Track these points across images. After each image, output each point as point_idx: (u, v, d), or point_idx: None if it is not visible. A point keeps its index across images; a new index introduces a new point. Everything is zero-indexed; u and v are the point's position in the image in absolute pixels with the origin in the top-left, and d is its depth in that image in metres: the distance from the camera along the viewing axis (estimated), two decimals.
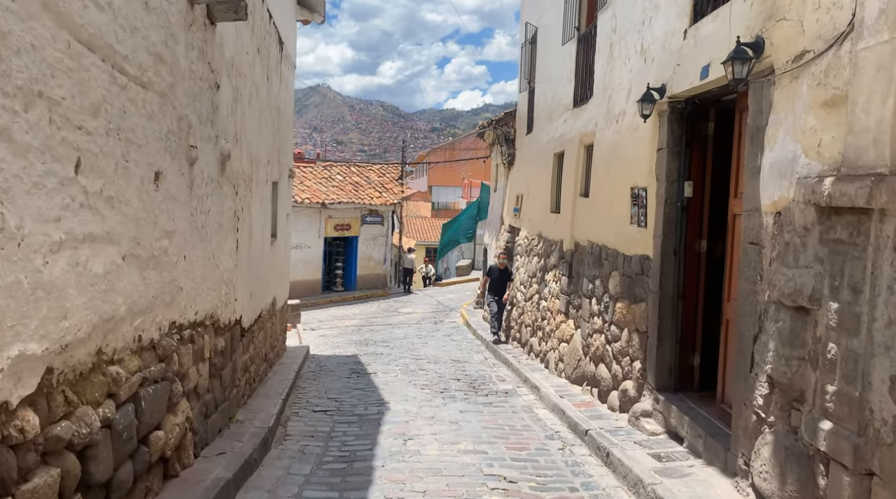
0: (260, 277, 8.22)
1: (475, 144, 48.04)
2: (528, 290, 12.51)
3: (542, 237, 11.94)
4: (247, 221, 7.03)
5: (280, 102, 9.71)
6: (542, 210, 12.29)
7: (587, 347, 8.48)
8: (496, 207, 18.79)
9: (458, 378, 10.15)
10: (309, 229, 22.68)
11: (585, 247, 9.07)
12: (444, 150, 51.73)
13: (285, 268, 11.35)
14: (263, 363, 8.90)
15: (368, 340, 15.23)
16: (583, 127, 9.60)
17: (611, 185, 7.91)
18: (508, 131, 17.27)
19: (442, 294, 25.27)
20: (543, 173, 12.44)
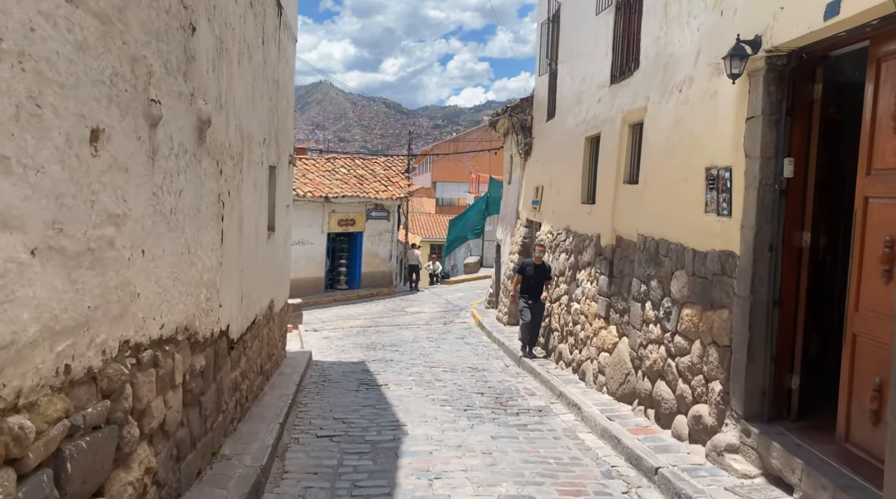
0: (254, 276, 6.87)
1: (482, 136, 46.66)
2: (554, 289, 11.14)
3: (571, 231, 10.58)
4: (236, 209, 5.66)
5: (279, 76, 8.34)
6: (570, 202, 10.93)
7: (639, 360, 7.12)
8: (510, 201, 17.43)
9: (480, 392, 8.78)
10: (311, 225, 21.31)
11: (633, 242, 7.71)
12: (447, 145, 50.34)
13: (285, 266, 10.00)
14: (259, 377, 7.54)
15: (376, 343, 13.87)
16: (627, 104, 8.23)
17: (673, 167, 6.54)
18: (525, 119, 15.90)
19: (450, 293, 23.92)
20: (571, 161, 11.08)
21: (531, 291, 10.83)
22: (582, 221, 10.04)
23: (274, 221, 8.32)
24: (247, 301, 6.44)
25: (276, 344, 9.09)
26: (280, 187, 8.78)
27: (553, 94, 13.36)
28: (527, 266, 11.11)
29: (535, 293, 10.81)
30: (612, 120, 8.81)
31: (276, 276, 8.75)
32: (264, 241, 7.51)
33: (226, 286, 5.34)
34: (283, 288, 9.77)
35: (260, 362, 7.59)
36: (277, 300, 9.12)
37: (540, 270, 10.95)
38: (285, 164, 9.26)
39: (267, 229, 7.72)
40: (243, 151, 5.96)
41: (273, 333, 8.76)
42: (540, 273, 10.93)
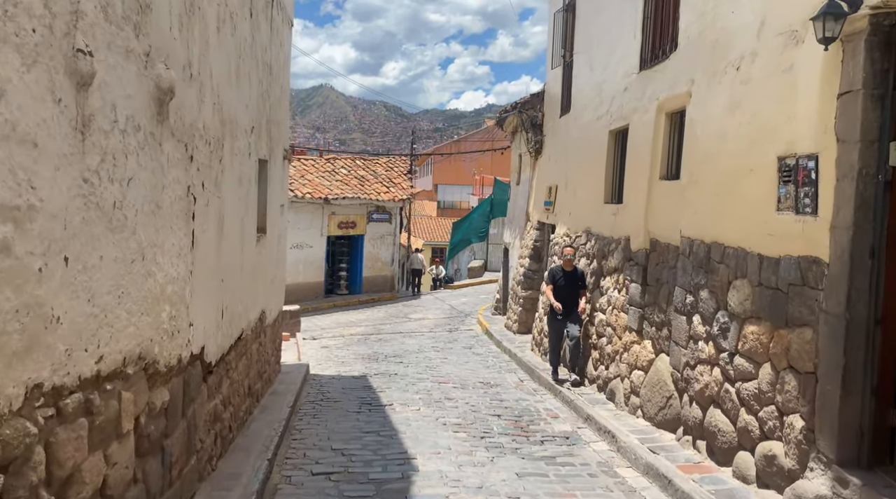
0: (239, 285, 5.86)
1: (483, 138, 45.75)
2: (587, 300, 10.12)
3: (593, 234, 9.57)
4: (213, 206, 4.65)
5: (271, 60, 7.34)
6: (590, 201, 9.92)
7: (684, 382, 6.10)
8: (519, 202, 16.43)
9: (497, 413, 7.76)
10: (310, 227, 20.29)
11: (673, 245, 6.70)
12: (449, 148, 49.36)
13: (279, 271, 8.98)
14: (246, 400, 6.52)
15: (378, 353, 12.84)
16: (663, 90, 7.23)
17: (730, 157, 5.52)
18: (535, 116, 14.90)
19: (454, 298, 22.90)
20: (590, 158, 10.08)
21: (563, 300, 9.02)
22: (605, 223, 9.04)
23: (265, 221, 7.30)
24: (230, 315, 5.42)
25: (268, 360, 8.07)
26: (273, 184, 7.77)
27: (568, 88, 12.38)
28: (556, 272, 9.25)
29: (567, 305, 8.96)
30: (643, 110, 7.81)
31: (267, 283, 7.73)
32: (253, 244, 6.50)
33: (199, 300, 4.32)
34: (276, 296, 8.75)
35: (248, 383, 6.57)
36: (270, 310, 8.11)
37: (571, 278, 9.11)
38: (279, 158, 8.25)
39: (256, 231, 6.71)
40: (224, 138, 4.95)
41: (265, 347, 7.74)
42: (571, 281, 9.09)
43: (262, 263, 7.15)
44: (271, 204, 7.72)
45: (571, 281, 9.14)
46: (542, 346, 11.14)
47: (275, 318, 8.64)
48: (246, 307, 6.24)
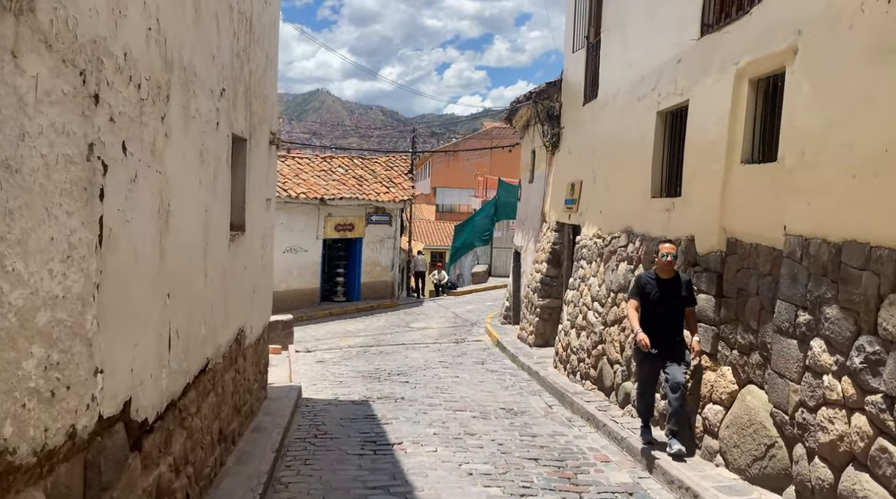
0: (202, 300, 4.25)
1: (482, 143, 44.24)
2: (606, 309, 8.55)
3: (636, 235, 7.99)
4: (149, 185, 3.04)
5: (252, 13, 5.74)
6: (630, 197, 8.35)
7: (797, 428, 4.50)
8: (532, 202, 14.86)
9: (533, 456, 6.15)
10: (305, 230, 18.66)
11: (766, 246, 5.12)
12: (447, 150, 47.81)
13: (264, 279, 7.36)
14: (216, 448, 4.90)
15: (380, 370, 11.23)
16: (745, 52, 5.65)
17: (878, 125, 3.95)
18: (552, 106, 13.35)
19: (458, 305, 21.28)
20: (629, 146, 8.52)
21: (656, 328, 5.97)
22: (654, 221, 7.46)
23: (244, 217, 5.70)
24: (184, 343, 3.81)
25: (249, 388, 6.45)
26: (255, 172, 6.17)
27: (593, 72, 10.83)
28: (646, 283, 6.18)
29: (663, 332, 5.95)
30: (711, 80, 6.24)
31: (247, 294, 6.12)
32: (224, 244, 4.89)
33: (119, 328, 2.72)
34: (260, 309, 7.13)
35: (218, 426, 4.95)
36: (251, 327, 6.49)
37: (670, 291, 6.02)
38: (263, 141, 6.64)
39: (230, 229, 5.10)
40: (171, 87, 3.34)
41: (245, 374, 6.12)
42: (670, 295, 6.01)
43: (239, 270, 5.54)
44: (253, 196, 6.12)
45: (670, 295, 5.99)
46: (570, 364, 9.56)
47: (258, 335, 7.03)
48: (213, 328, 4.63)
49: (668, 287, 6.06)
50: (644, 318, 6.12)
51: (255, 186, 6.24)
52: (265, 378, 7.80)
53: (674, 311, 6.02)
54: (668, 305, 6.01)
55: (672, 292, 6.03)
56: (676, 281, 6.10)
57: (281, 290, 18.12)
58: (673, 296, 6.02)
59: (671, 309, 6.02)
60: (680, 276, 6.16)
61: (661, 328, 5.98)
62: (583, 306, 9.47)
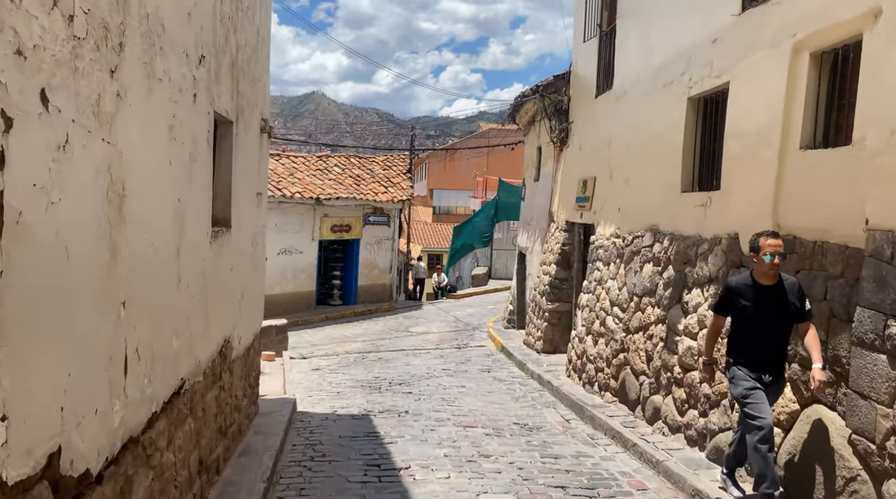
0: (174, 308, 3.46)
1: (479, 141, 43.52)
2: (629, 315, 7.79)
3: (663, 233, 7.23)
4: (90, 156, 2.25)
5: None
6: (655, 192, 7.59)
7: (887, 460, 3.74)
8: (538, 201, 14.09)
9: (560, 484, 5.35)
10: (300, 231, 17.85)
11: (837, 244, 4.36)
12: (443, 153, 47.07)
13: (255, 281, 6.55)
14: (195, 483, 4.09)
15: (380, 379, 10.43)
16: (805, 23, 4.90)
17: None
18: (560, 100, 12.59)
19: (458, 308, 20.48)
20: (653, 137, 7.78)
21: (758, 348, 4.54)
22: (686, 218, 6.70)
23: (229, 211, 4.91)
24: (148, 365, 3.02)
25: (237, 405, 5.64)
26: (243, 161, 5.38)
27: (608, 62, 10.09)
28: (741, 292, 4.64)
29: (765, 358, 4.55)
30: (762, 57, 5.48)
31: (234, 299, 5.32)
32: (204, 241, 4.09)
33: (37, 353, 1.93)
34: (250, 315, 6.33)
35: (197, 457, 4.14)
36: (240, 336, 5.69)
37: (775, 300, 4.48)
38: (254, 128, 5.85)
39: (211, 224, 4.30)
40: (124, 33, 2.54)
41: (231, 391, 5.32)
42: (776, 306, 4.48)
43: (224, 272, 4.75)
44: (241, 188, 5.33)
45: (776, 306, 4.45)
46: (586, 373, 8.79)
47: (248, 345, 6.22)
48: (190, 341, 3.83)
49: (772, 297, 4.46)
50: (737, 340, 4.64)
51: (243, 177, 5.45)
52: (256, 392, 7.00)
53: (779, 329, 4.51)
54: (773, 319, 4.47)
55: (778, 303, 4.44)
56: (781, 288, 4.47)
57: (275, 293, 17.32)
58: (780, 307, 4.44)
59: (776, 326, 4.50)
60: (784, 280, 4.52)
61: (761, 354, 4.50)
62: (600, 311, 8.70)
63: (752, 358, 4.55)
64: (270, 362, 11.94)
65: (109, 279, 2.45)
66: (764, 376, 4.49)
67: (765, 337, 4.52)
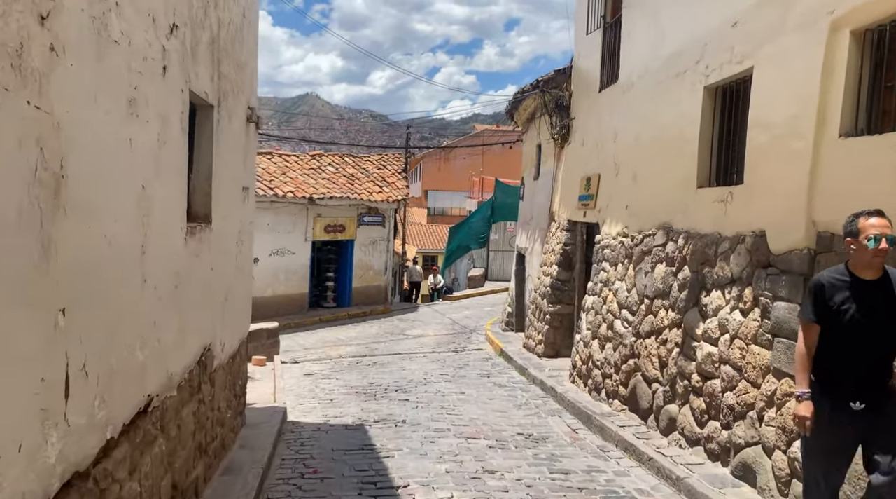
0: (138, 315, 2.96)
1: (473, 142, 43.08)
2: (639, 318, 7.32)
3: (677, 231, 6.76)
4: (10, 122, 1.76)
5: None
6: (667, 188, 7.13)
7: None
8: (538, 200, 13.63)
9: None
10: (293, 231, 17.33)
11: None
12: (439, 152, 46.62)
13: (240, 283, 6.04)
14: None
15: (375, 385, 9.93)
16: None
17: None
18: (560, 96, 12.14)
19: (454, 310, 19.99)
20: (664, 130, 7.32)
21: (854, 364, 3.36)
22: (703, 215, 6.24)
23: (209, 205, 4.41)
24: (101, 383, 2.52)
25: (220, 419, 5.13)
26: (227, 150, 4.88)
27: (612, 54, 9.65)
28: (834, 290, 3.40)
29: (870, 372, 3.34)
30: (793, 39, 5.02)
31: (216, 302, 4.82)
32: (177, 238, 3.59)
33: None
34: (236, 319, 5.82)
35: (171, 481, 3.63)
36: (223, 343, 5.19)
37: (881, 296, 3.33)
38: (238, 115, 5.35)
39: (186, 219, 3.79)
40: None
41: (214, 402, 4.82)
42: (883, 304, 3.32)
43: (202, 272, 4.24)
44: (224, 181, 4.83)
45: (884, 306, 3.33)
46: (592, 379, 8.31)
47: (233, 352, 5.72)
48: (160, 352, 3.33)
49: (878, 294, 3.33)
50: (828, 351, 3.42)
51: (227, 169, 4.95)
52: (242, 402, 6.49)
53: (886, 337, 3.33)
54: (879, 328, 3.32)
55: (885, 303, 3.32)
56: (888, 283, 3.35)
57: (267, 295, 16.81)
58: (886, 309, 3.31)
59: (882, 334, 3.32)
60: (889, 273, 3.37)
61: (857, 372, 3.34)
62: (607, 314, 8.23)
63: (838, 377, 3.39)
64: (261, 367, 11.44)
65: (41, 280, 1.96)
66: (854, 403, 3.31)
67: (866, 349, 3.33)
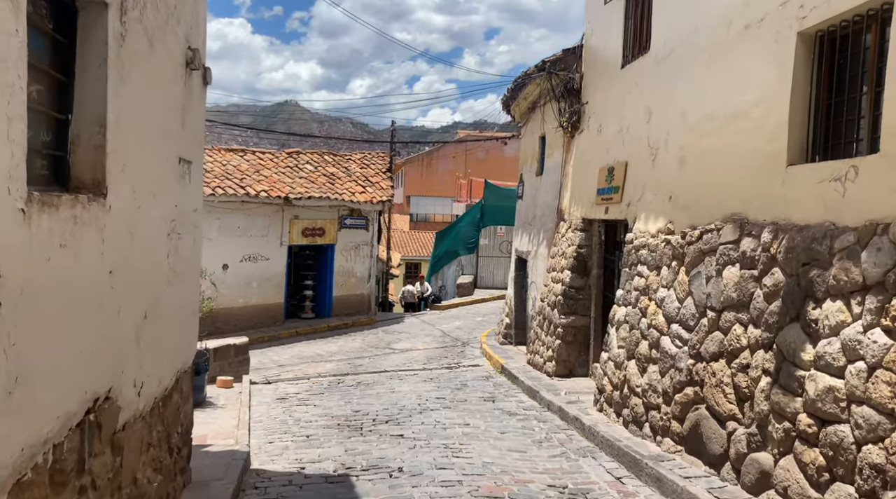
0: None
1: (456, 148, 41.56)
2: (700, 335, 5.68)
3: (756, 224, 5.14)
4: None
5: None
6: (737, 168, 5.52)
7: None
8: (542, 198, 12.00)
9: None
10: (267, 235, 15.52)
11: None
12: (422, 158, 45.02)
13: (177, 292, 4.24)
14: None
15: (360, 413, 8.18)
16: None
17: None
18: (570, 78, 10.54)
19: (444, 321, 18.25)
20: (725, 101, 5.73)
21: None
22: (804, 199, 4.62)
23: (104, 166, 2.66)
24: None
25: (138, 494, 3.37)
26: (143, 91, 3.15)
27: (638, 22, 8.16)
28: None
29: None
30: None
31: (121, 325, 3.05)
32: (9, 214, 1.86)
33: None
34: (167, 345, 4.04)
35: None
36: (141, 383, 3.42)
37: None
38: (171, 49, 3.62)
39: (26, 182, 2.05)
40: None
41: (122, 476, 3.06)
42: None
43: (84, 276, 2.50)
44: (139, 137, 3.10)
45: None
46: (630, 409, 6.65)
47: (165, 390, 3.95)
48: None
49: None
50: None
51: (145, 121, 3.22)
52: (185, 454, 4.71)
53: None
54: None
55: None
56: None
57: (237, 306, 14.98)
58: None
59: None
60: None
61: None
62: (649, 330, 6.58)
63: None
64: (226, 390, 9.67)
65: None
66: None
67: None
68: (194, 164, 4.50)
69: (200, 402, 8.69)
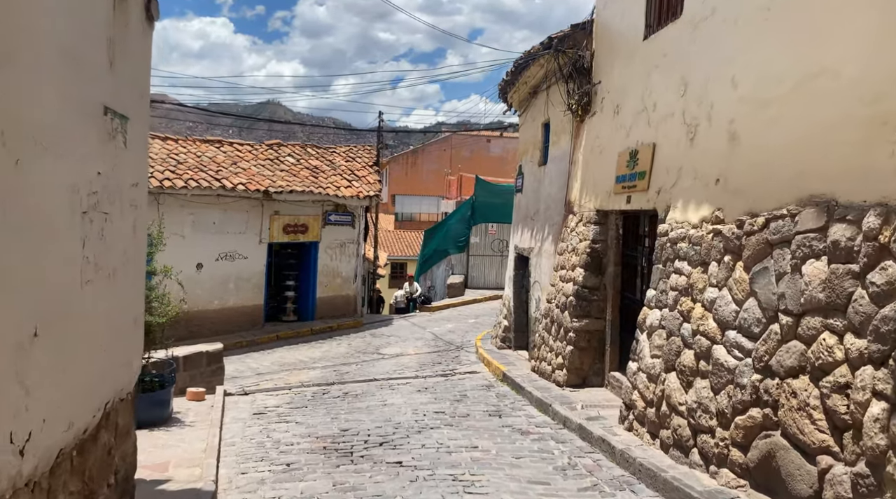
0: None
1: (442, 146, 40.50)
2: (769, 344, 4.58)
3: (847, 206, 4.04)
4: None
5: None
6: (816, 142, 4.43)
7: None
8: (546, 190, 10.89)
9: None
10: (245, 231, 14.26)
11: None
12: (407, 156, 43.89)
13: (107, 297, 3.08)
14: None
15: (350, 433, 7.00)
16: None
17: None
18: (580, 56, 9.45)
19: (435, 323, 17.08)
20: (795, 62, 4.65)
21: None
22: None
23: None
24: None
25: None
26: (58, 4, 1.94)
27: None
28: None
29: None
30: None
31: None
32: None
33: None
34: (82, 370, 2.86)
35: None
36: (26, 433, 2.24)
37: None
38: None
39: None
40: None
41: None
42: None
43: None
44: (12, 46, 1.91)
45: None
46: (671, 430, 5.54)
47: (76, 437, 2.76)
48: None
49: None
50: None
51: (32, 39, 2.03)
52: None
53: None
54: None
55: None
56: None
57: (213, 308, 13.70)
58: None
59: None
60: None
61: None
62: (697, 338, 5.47)
63: None
64: (197, 403, 8.47)
65: None
66: None
67: None
68: (133, 122, 3.31)
69: (165, 419, 7.49)
